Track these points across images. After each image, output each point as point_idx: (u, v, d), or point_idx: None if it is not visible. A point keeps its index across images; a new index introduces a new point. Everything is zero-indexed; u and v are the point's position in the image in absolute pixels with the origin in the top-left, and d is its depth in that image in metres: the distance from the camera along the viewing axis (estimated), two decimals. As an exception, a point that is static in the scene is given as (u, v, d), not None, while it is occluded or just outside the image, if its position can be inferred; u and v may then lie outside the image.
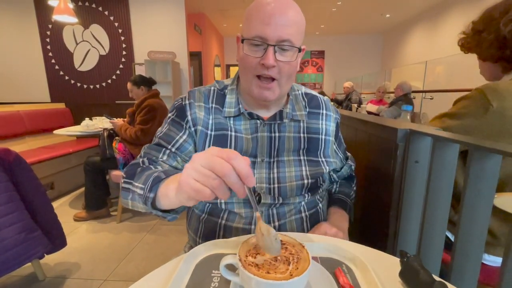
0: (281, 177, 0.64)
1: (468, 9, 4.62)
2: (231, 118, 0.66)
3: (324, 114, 0.71)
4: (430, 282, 0.39)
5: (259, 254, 0.40)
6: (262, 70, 0.58)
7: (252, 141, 0.65)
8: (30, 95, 4.14)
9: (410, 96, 3.62)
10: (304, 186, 0.65)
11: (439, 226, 0.63)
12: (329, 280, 0.42)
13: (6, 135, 2.59)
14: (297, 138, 0.67)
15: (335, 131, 0.72)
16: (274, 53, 0.56)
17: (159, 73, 3.97)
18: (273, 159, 0.65)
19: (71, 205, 2.43)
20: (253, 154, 0.64)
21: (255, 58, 0.58)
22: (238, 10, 5.90)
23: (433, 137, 0.59)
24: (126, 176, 0.57)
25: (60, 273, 1.52)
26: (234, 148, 0.64)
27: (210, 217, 0.66)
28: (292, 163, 0.66)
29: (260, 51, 0.57)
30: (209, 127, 0.65)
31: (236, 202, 0.64)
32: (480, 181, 0.47)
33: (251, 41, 0.57)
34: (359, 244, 0.60)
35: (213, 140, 0.64)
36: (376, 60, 8.47)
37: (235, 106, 0.66)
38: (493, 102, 0.64)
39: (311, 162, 0.67)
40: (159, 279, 0.45)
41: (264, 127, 0.65)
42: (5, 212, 1.13)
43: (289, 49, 0.57)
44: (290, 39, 0.56)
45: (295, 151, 0.67)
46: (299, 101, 0.71)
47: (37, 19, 4.06)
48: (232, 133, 0.65)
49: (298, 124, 0.68)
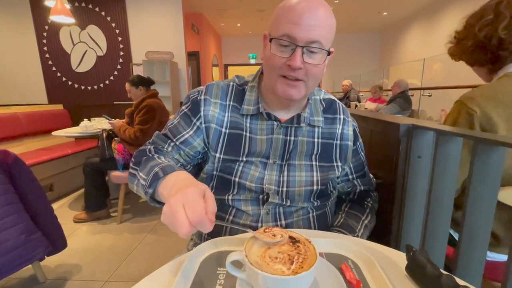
0: (291, 181, 0.64)
1: (465, 6, 4.63)
2: (248, 117, 0.65)
3: (342, 119, 0.70)
4: (437, 275, 0.38)
5: (266, 250, 0.40)
6: (288, 71, 0.56)
7: (266, 143, 0.64)
8: (27, 96, 4.11)
9: (407, 93, 3.63)
10: (313, 192, 0.64)
11: (443, 221, 0.63)
12: (336, 275, 0.42)
13: (4, 137, 2.57)
14: (311, 142, 0.66)
15: (353, 135, 0.70)
16: (302, 54, 0.54)
17: (157, 73, 3.96)
18: (284, 162, 0.64)
19: (71, 206, 2.42)
20: (266, 155, 0.64)
21: (281, 58, 0.56)
22: (236, 10, 5.89)
23: (436, 131, 0.59)
24: (134, 162, 0.61)
25: (60, 275, 1.51)
26: (248, 149, 0.63)
27: (216, 214, 0.66)
28: (303, 167, 0.65)
29: (288, 52, 0.55)
30: (223, 125, 0.65)
31: (244, 200, 0.64)
32: (484, 174, 0.47)
33: (279, 41, 0.55)
34: (364, 240, 0.60)
35: (227, 138, 0.64)
36: (374, 58, 8.48)
37: (254, 104, 0.65)
38: (475, 109, 0.66)
39: (323, 168, 0.66)
40: (165, 277, 0.44)
41: (280, 129, 0.64)
42: (5, 214, 1.13)
43: (318, 51, 0.55)
44: (320, 41, 0.54)
45: (308, 155, 0.65)
46: (317, 107, 0.69)
47: (34, 20, 4.04)
48: (247, 133, 0.64)
49: (314, 129, 0.67)
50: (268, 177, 0.63)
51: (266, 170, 0.63)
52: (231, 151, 0.63)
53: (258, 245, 0.41)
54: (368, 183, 0.75)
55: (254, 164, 0.63)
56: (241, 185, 0.63)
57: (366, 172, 0.75)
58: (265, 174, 0.63)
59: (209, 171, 0.65)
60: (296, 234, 0.43)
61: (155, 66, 3.98)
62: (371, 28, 7.97)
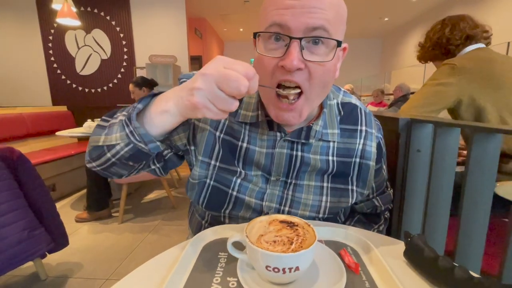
0: (295, 202, 0.53)
1: (465, 12, 4.67)
2: (247, 124, 0.53)
3: (363, 131, 0.54)
4: (434, 258, 0.39)
5: (266, 233, 0.41)
6: (283, 75, 0.41)
7: (266, 157, 0.52)
8: (32, 99, 4.17)
9: (408, 97, 3.65)
10: (318, 219, 0.55)
11: (442, 214, 0.63)
12: (335, 259, 0.42)
13: (9, 137, 2.60)
14: (325, 161, 0.52)
15: (376, 153, 0.55)
16: (300, 50, 0.39)
17: (160, 77, 4.01)
18: (290, 180, 0.53)
19: (73, 206, 2.43)
20: (266, 170, 0.53)
21: (272, 59, 0.41)
22: (239, 15, 5.97)
23: (434, 123, 0.60)
24: (105, 116, 0.52)
25: (62, 272, 1.52)
26: (243, 160, 0.53)
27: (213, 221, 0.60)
28: (311, 189, 0.53)
29: (280, 49, 0.41)
30: (219, 127, 0.54)
31: (241, 217, 0.56)
32: (482, 161, 0.48)
33: (266, 35, 0.41)
34: (363, 229, 0.61)
35: (222, 143, 0.53)
36: (375, 63, 8.53)
37: (254, 111, 0.52)
38: (455, 62, 1.00)
39: (335, 191, 0.54)
40: (166, 260, 0.45)
41: (285, 142, 0.51)
42: (9, 210, 1.14)
43: (323, 41, 0.40)
44: (324, 26, 0.39)
45: (319, 174, 0.53)
46: (333, 116, 0.54)
47: (40, 24, 4.12)
48: (244, 144, 0.53)
49: (328, 144, 0.53)
50: (270, 192, 0.53)
51: (268, 185, 0.53)
52: (228, 160, 0.53)
53: (257, 227, 0.42)
54: (387, 200, 0.63)
55: (255, 178, 0.53)
56: (239, 200, 0.53)
57: (385, 186, 0.64)
58: (266, 189, 0.53)
59: (200, 177, 0.54)
60: (295, 218, 0.44)
61: (158, 70, 4.03)
62: (372, 33, 8.03)
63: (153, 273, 0.42)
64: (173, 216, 2.25)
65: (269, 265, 0.35)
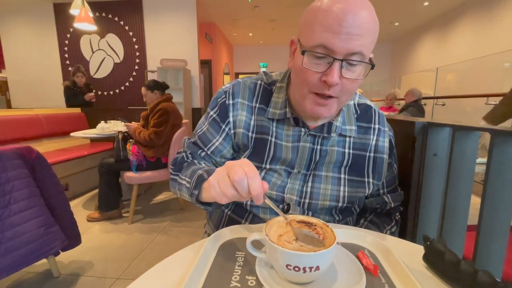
0: (315, 193, 0.59)
1: (477, 17, 4.60)
2: (274, 120, 0.60)
3: (377, 129, 0.62)
4: (456, 262, 0.38)
5: (285, 233, 0.41)
6: (322, 88, 0.49)
7: (292, 151, 0.59)
8: (47, 101, 4.31)
9: (420, 102, 3.59)
10: (337, 208, 0.61)
11: (460, 219, 0.62)
12: (353, 261, 0.42)
13: (26, 137, 2.69)
14: (341, 153, 0.60)
15: (388, 147, 0.62)
16: (340, 69, 0.47)
17: (171, 80, 4.07)
18: (310, 172, 0.60)
19: (85, 206, 2.48)
20: (291, 164, 0.60)
21: (315, 74, 0.48)
22: (248, 20, 6.03)
23: (453, 127, 0.60)
24: (174, 169, 0.61)
25: (74, 270, 1.54)
26: (273, 155, 0.60)
27: (233, 215, 0.65)
28: (329, 180, 0.60)
29: (323, 65, 0.47)
30: (250, 129, 0.61)
31: (262, 207, 0.61)
32: (502, 165, 0.47)
33: (313, 53, 0.47)
34: (379, 233, 0.60)
35: (253, 143, 0.61)
36: (385, 67, 8.45)
37: (281, 108, 0.59)
38: None
39: (352, 182, 0.60)
40: (184, 258, 0.46)
41: (308, 137, 0.59)
42: (28, 206, 1.17)
43: (358, 64, 0.47)
44: (362, 52, 0.46)
45: (337, 167, 0.60)
46: (351, 114, 0.62)
47: (57, 28, 4.27)
48: (273, 139, 0.60)
49: (345, 138, 0.60)
50: (290, 186, 0.60)
51: (290, 179, 0.60)
52: (256, 157, 0.60)
53: (276, 227, 0.43)
54: (398, 199, 0.67)
55: (278, 173, 0.60)
56: None
57: (397, 186, 0.68)
58: (287, 183, 0.60)
59: None
60: (313, 219, 0.44)
61: (169, 73, 4.10)
62: (382, 38, 7.98)
63: (172, 271, 0.42)
64: (181, 217, 2.27)
65: (289, 263, 0.35)
